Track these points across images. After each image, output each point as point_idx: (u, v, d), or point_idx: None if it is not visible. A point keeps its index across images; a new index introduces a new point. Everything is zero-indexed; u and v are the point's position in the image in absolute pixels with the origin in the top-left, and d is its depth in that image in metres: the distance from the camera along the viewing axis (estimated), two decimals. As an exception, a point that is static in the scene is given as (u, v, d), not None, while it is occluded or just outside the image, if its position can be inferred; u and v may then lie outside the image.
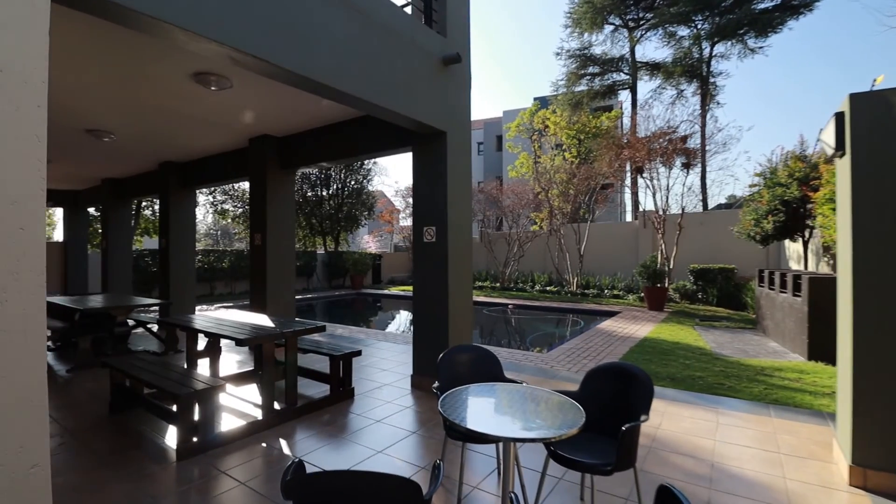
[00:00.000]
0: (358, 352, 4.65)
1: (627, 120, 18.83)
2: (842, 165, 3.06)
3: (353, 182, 19.56)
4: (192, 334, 4.72)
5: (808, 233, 8.43)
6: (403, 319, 12.07)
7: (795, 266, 10.06)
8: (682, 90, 20.76)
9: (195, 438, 3.30)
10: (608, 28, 22.09)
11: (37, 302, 1.46)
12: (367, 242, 25.78)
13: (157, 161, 8.26)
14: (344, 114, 5.45)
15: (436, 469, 1.50)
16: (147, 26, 2.40)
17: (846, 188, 2.92)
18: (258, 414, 3.91)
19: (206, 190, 17.89)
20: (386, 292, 15.96)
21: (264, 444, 3.47)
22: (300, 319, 6.31)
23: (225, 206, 18.67)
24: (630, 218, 20.64)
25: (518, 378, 2.87)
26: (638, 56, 21.98)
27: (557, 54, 23.29)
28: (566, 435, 1.85)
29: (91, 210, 15.04)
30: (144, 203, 17.39)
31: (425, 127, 4.55)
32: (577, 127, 19.14)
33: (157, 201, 14.67)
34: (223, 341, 4.68)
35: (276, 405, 4.03)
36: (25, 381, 1.41)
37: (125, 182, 10.05)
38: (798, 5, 17.86)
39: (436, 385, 2.63)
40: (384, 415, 4.07)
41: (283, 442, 3.53)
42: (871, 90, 2.90)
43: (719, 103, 20.16)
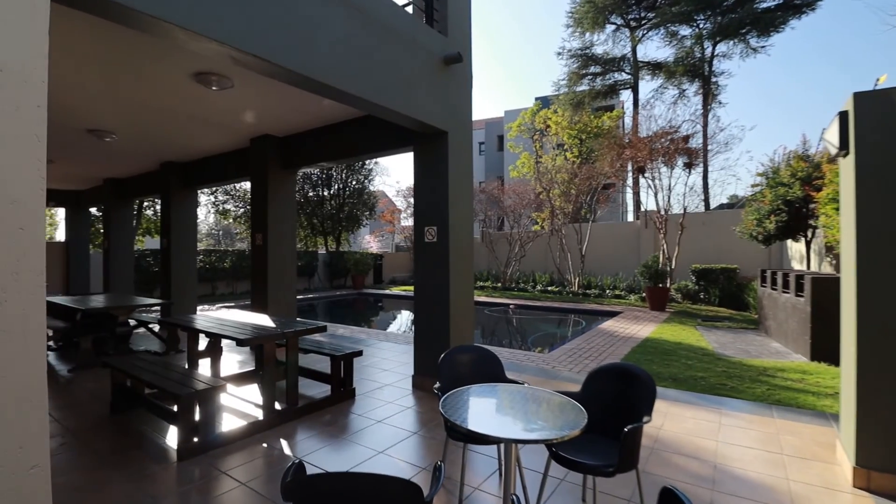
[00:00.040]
0: (359, 352, 4.64)
1: (629, 120, 18.78)
2: (845, 165, 3.04)
3: (355, 182, 19.57)
4: (194, 334, 4.72)
5: (811, 233, 8.41)
6: (405, 319, 12.06)
7: (798, 266, 10.02)
8: (684, 90, 20.74)
9: (196, 439, 3.30)
10: (610, 28, 22.09)
11: (37, 302, 1.46)
12: (369, 242, 25.78)
13: (159, 161, 8.27)
14: (345, 113, 5.45)
15: (437, 471, 1.49)
16: (147, 25, 2.40)
17: (850, 187, 2.90)
18: (259, 414, 3.90)
19: (208, 190, 17.92)
20: (387, 292, 15.96)
21: (265, 445, 3.46)
22: (301, 319, 6.31)
23: (226, 206, 18.70)
24: (632, 218, 20.62)
25: (519, 378, 2.86)
26: (639, 56, 21.97)
27: (559, 54, 23.29)
28: (568, 436, 1.84)
29: (93, 210, 15.08)
30: (146, 203, 17.42)
31: (426, 127, 4.54)
32: (579, 127, 19.10)
33: (159, 201, 14.68)
34: (224, 341, 4.68)
35: (277, 405, 4.03)
36: (25, 382, 1.41)
37: (127, 182, 10.07)
38: (800, 4, 17.80)
39: (437, 386, 2.61)
40: (385, 415, 4.06)
41: (284, 442, 3.52)
42: (875, 89, 2.89)
43: (721, 103, 20.15)
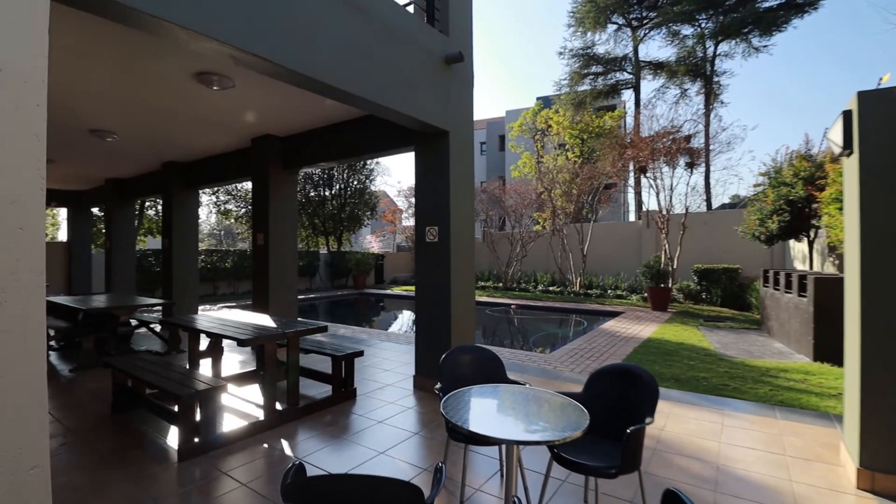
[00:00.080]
0: (360, 352, 4.63)
1: (631, 119, 18.73)
2: (849, 164, 3.02)
3: (356, 182, 19.57)
4: (195, 334, 4.72)
5: (814, 233, 8.38)
6: (406, 319, 12.06)
7: (800, 266, 9.99)
8: (686, 89, 20.71)
9: (196, 439, 3.29)
10: (611, 27, 22.06)
11: (37, 302, 1.45)
12: (370, 242, 25.79)
13: (160, 161, 8.28)
14: (346, 113, 5.44)
15: (438, 472, 1.48)
16: (147, 25, 2.39)
17: (854, 187, 2.89)
18: (260, 414, 3.90)
19: (210, 190, 17.95)
20: (388, 292, 15.95)
21: (266, 445, 3.45)
22: (303, 319, 6.31)
23: (228, 207, 18.73)
24: (633, 218, 20.58)
25: (521, 379, 2.84)
26: (641, 55, 21.95)
27: (560, 54, 23.27)
28: (570, 438, 1.83)
29: (95, 210, 15.11)
30: (148, 203, 17.46)
31: (428, 126, 4.53)
32: (580, 126, 19.07)
33: (161, 201, 14.70)
34: (225, 341, 4.67)
35: (278, 406, 4.02)
36: (25, 382, 1.40)
37: (128, 182, 10.09)
38: (803, 4, 17.75)
39: (438, 386, 2.60)
40: (386, 416, 4.06)
41: (285, 443, 3.51)
42: (879, 88, 2.87)
43: (723, 102, 20.17)
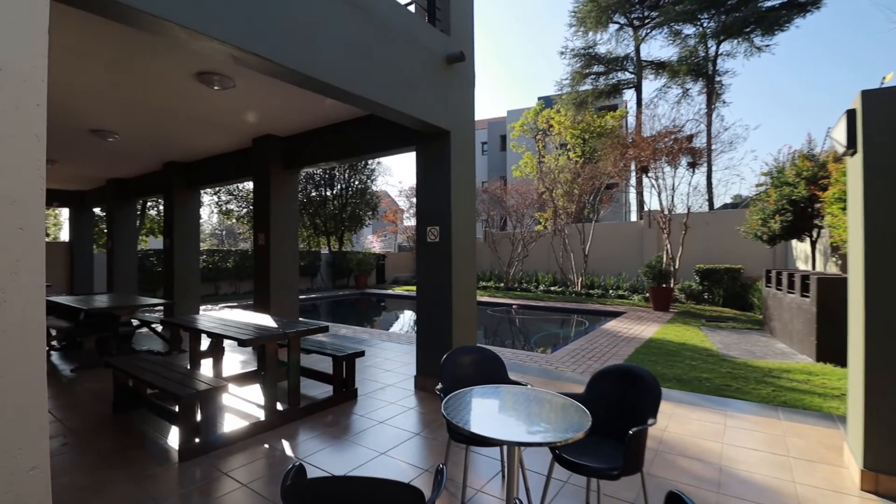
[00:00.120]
0: (361, 352, 4.63)
1: (632, 119, 18.68)
2: (853, 164, 3.00)
3: (357, 182, 19.57)
4: (196, 334, 4.72)
5: (816, 233, 8.34)
6: (407, 319, 12.05)
7: (803, 266, 9.95)
8: (688, 89, 20.68)
9: (197, 439, 3.29)
10: (613, 27, 22.04)
11: (36, 302, 1.45)
12: (371, 242, 25.80)
13: (162, 161, 8.29)
14: (347, 113, 5.44)
15: (439, 474, 1.47)
16: (147, 24, 2.39)
17: (858, 187, 2.87)
18: (261, 415, 3.89)
19: (211, 190, 17.97)
20: (390, 292, 15.95)
21: (267, 446, 3.45)
22: (304, 319, 6.31)
23: (229, 206, 18.74)
24: (635, 218, 20.53)
25: (522, 379, 2.83)
26: (643, 55, 21.93)
27: (562, 53, 23.27)
28: (572, 439, 1.82)
29: (97, 210, 15.14)
30: (149, 203, 17.49)
31: (429, 126, 4.52)
32: (582, 126, 19.04)
33: (162, 201, 14.73)
34: (226, 341, 4.67)
35: (279, 406, 4.02)
36: (25, 382, 1.40)
37: (130, 182, 10.11)
38: (805, 3, 17.70)
39: (439, 387, 2.59)
40: (387, 416, 4.05)
41: (286, 443, 3.51)
42: (883, 87, 2.85)
43: (725, 102, 20.09)
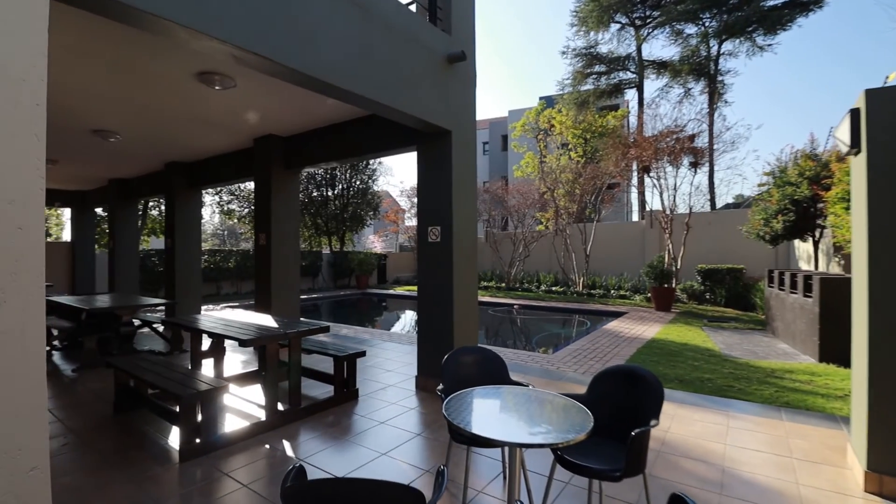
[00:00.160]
0: (362, 352, 4.62)
1: (634, 119, 18.66)
2: (857, 163, 2.98)
3: (359, 182, 19.58)
4: (197, 334, 4.72)
5: (819, 232, 8.31)
6: (408, 319, 12.05)
7: (805, 266, 9.92)
8: (690, 89, 20.62)
9: (198, 439, 3.28)
10: (614, 26, 22.01)
11: (36, 302, 1.44)
12: (373, 242, 25.82)
13: (163, 161, 8.29)
14: (349, 113, 5.43)
15: (440, 476, 1.46)
16: (148, 24, 2.38)
17: (861, 186, 2.85)
18: (262, 415, 3.88)
19: (213, 190, 17.99)
20: (391, 292, 15.95)
21: (267, 446, 3.44)
22: (305, 319, 6.30)
23: (231, 207, 18.76)
24: (637, 218, 20.51)
25: (524, 380, 2.82)
26: (644, 54, 21.89)
27: (563, 53, 23.23)
28: (574, 440, 1.81)
29: (98, 210, 15.17)
30: (151, 203, 17.52)
31: (430, 126, 4.51)
32: (583, 126, 19.02)
33: (164, 201, 14.76)
34: (227, 341, 4.67)
35: (280, 406, 4.01)
36: (24, 383, 1.39)
37: (131, 182, 10.12)
38: (807, 2, 17.64)
39: (440, 387, 2.58)
40: (388, 416, 4.04)
41: (287, 443, 3.50)
42: (887, 86, 2.83)
43: (727, 102, 20.03)
